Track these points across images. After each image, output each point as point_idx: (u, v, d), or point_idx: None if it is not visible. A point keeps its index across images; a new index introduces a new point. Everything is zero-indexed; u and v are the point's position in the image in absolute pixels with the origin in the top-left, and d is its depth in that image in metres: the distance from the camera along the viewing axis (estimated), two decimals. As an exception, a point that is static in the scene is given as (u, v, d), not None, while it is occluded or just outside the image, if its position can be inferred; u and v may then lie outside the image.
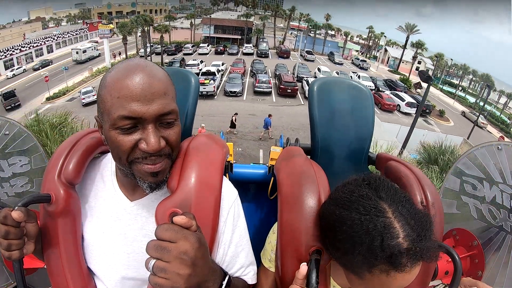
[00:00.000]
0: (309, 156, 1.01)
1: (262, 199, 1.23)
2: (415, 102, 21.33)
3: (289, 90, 20.21)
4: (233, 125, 13.29)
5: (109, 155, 0.76)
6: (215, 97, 19.10)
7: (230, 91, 19.46)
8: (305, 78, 22.15)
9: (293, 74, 24.14)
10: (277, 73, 23.64)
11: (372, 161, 1.09)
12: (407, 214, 0.55)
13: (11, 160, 1.09)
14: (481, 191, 1.12)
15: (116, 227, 0.70)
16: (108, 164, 0.75)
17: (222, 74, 22.96)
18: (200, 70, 21.89)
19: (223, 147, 0.76)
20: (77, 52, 27.41)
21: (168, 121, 0.59)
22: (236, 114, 13.66)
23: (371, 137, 1.10)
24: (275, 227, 0.83)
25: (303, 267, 0.65)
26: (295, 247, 0.70)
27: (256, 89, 20.54)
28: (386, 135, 10.26)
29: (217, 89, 19.98)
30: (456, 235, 1.10)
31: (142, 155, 0.58)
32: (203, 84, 18.22)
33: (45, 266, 0.72)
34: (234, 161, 1.12)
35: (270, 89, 20.73)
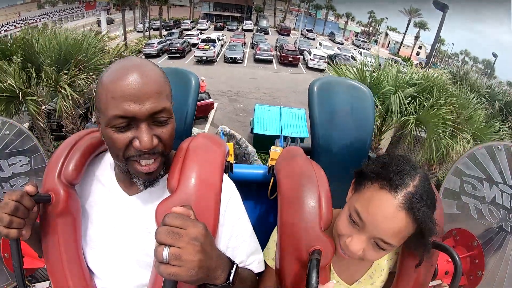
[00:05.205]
0: (309, 156, 1.01)
1: (262, 199, 1.23)
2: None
3: (290, 59, 19.37)
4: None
5: (107, 153, 0.77)
6: (215, 63, 18.61)
7: (231, 58, 18.82)
8: (307, 50, 21.48)
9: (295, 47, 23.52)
10: (278, 44, 22.83)
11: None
12: (428, 187, 0.62)
13: (11, 160, 1.09)
14: (481, 191, 1.12)
15: (114, 222, 0.70)
16: (106, 161, 0.75)
17: (222, 45, 22.15)
18: (200, 39, 21.32)
19: (223, 147, 0.76)
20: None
21: (161, 119, 0.60)
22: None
23: (372, 137, 1.10)
24: None
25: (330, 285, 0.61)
26: (295, 247, 0.70)
27: (257, 56, 19.74)
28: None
29: (217, 56, 19.41)
30: (456, 235, 1.10)
31: (136, 152, 0.60)
32: (203, 49, 18.01)
33: (45, 266, 0.72)
34: (234, 162, 1.12)
35: (272, 57, 19.87)
